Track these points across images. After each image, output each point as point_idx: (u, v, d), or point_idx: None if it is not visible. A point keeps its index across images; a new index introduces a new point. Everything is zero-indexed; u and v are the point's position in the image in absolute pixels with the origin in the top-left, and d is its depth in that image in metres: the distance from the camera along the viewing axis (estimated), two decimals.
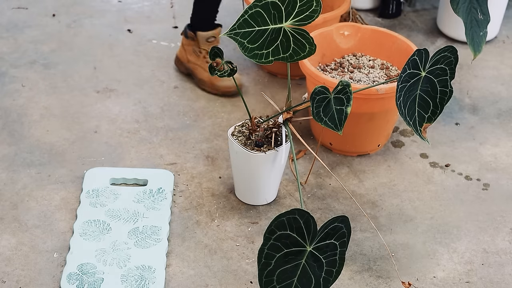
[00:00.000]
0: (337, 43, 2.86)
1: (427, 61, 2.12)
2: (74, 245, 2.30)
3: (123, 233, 2.36)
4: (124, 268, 2.24)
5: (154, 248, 2.31)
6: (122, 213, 2.42)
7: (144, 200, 2.47)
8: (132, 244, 2.32)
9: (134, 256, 2.28)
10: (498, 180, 2.68)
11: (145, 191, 2.51)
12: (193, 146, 2.75)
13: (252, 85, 3.10)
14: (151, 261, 2.27)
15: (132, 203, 2.46)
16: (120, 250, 2.30)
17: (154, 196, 2.49)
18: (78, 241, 2.31)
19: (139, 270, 2.24)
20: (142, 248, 2.31)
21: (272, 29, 2.09)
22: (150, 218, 2.41)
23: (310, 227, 1.84)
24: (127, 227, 2.38)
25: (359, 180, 2.65)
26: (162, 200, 2.48)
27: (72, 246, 2.29)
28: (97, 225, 2.37)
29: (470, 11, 2.57)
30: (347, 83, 2.11)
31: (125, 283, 2.19)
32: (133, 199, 2.47)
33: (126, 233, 2.36)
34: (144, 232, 2.36)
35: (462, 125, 2.94)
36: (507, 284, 2.28)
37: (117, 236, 2.34)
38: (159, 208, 2.45)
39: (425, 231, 2.45)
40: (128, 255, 2.28)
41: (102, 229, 2.36)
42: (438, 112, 2.17)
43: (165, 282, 2.22)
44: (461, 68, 3.20)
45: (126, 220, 2.40)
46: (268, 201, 2.52)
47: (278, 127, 2.42)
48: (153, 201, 2.47)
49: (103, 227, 2.37)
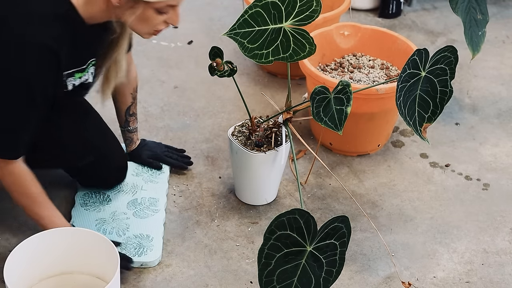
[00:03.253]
0: (337, 43, 2.86)
1: (427, 61, 2.12)
2: (75, 214, 2.38)
3: (122, 204, 2.44)
4: (123, 237, 2.32)
5: (152, 218, 2.39)
6: (121, 185, 2.50)
7: (142, 174, 2.55)
8: (131, 214, 2.40)
9: (132, 226, 2.36)
10: (498, 180, 2.68)
11: (144, 165, 2.58)
12: (193, 146, 2.75)
13: (252, 85, 3.10)
14: (149, 230, 2.35)
15: (131, 177, 2.53)
16: (120, 220, 2.38)
17: (152, 170, 2.56)
18: (79, 211, 2.39)
19: (137, 238, 2.31)
20: (141, 218, 2.39)
21: (272, 29, 2.09)
22: (148, 190, 2.49)
23: (310, 227, 1.84)
24: (126, 198, 2.46)
25: (359, 180, 2.65)
26: (160, 174, 2.56)
27: (74, 216, 2.37)
28: (98, 197, 2.45)
29: (469, 11, 2.57)
30: (347, 83, 2.11)
31: (124, 251, 2.27)
32: (132, 173, 2.55)
33: (125, 204, 2.44)
34: (143, 203, 2.44)
35: (462, 125, 2.94)
36: (507, 284, 2.28)
37: (117, 207, 2.43)
38: (157, 181, 2.52)
39: (425, 231, 2.45)
40: (127, 225, 2.36)
41: (102, 200, 2.44)
42: (438, 112, 2.17)
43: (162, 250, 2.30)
44: (461, 68, 3.20)
45: (125, 192, 2.48)
46: (268, 201, 2.52)
47: (278, 127, 2.42)
48: (151, 175, 2.55)
49: (103, 198, 2.45)
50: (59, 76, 2.00)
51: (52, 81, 1.98)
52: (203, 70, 2.55)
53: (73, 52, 2.00)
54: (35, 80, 1.93)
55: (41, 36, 1.90)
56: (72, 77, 2.06)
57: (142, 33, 2.04)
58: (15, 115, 1.96)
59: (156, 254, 2.28)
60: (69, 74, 2.05)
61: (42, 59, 1.91)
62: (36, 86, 1.93)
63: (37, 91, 1.94)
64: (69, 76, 2.05)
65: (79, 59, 2.07)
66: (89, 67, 2.11)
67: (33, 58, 1.90)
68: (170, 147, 2.66)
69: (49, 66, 1.93)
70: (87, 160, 2.27)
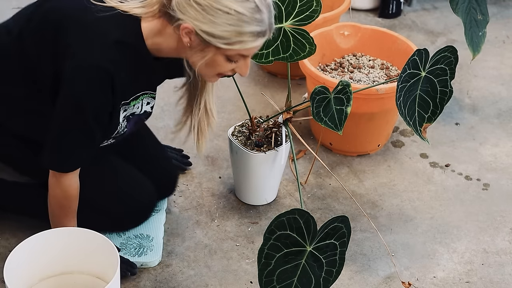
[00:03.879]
0: (337, 43, 2.86)
1: (427, 61, 2.12)
2: None
3: None
4: (123, 237, 2.32)
5: (152, 218, 2.38)
6: None
7: None
8: None
9: None
10: (498, 180, 2.68)
11: None
12: (193, 146, 2.74)
13: (252, 85, 3.10)
14: (149, 230, 2.35)
15: None
16: None
17: None
18: None
19: (137, 238, 2.31)
20: None
21: None
22: None
23: (310, 227, 1.84)
24: None
25: (359, 180, 2.65)
26: None
27: None
28: None
29: (469, 11, 2.57)
30: (347, 83, 2.11)
31: (124, 250, 2.27)
32: None
33: None
34: None
35: (462, 125, 2.94)
36: (507, 284, 2.28)
37: None
38: None
39: (425, 231, 2.45)
40: None
41: None
42: (438, 112, 2.17)
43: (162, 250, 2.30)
44: (461, 68, 3.20)
45: None
46: (268, 201, 2.52)
47: (278, 127, 2.42)
48: None
49: None
50: (115, 103, 1.95)
51: (105, 103, 1.92)
52: None
53: (133, 82, 1.97)
54: (86, 99, 1.89)
55: (98, 58, 1.86)
56: (128, 105, 2.02)
57: (208, 76, 1.96)
58: (69, 132, 1.94)
59: (156, 254, 2.28)
60: (127, 103, 2.01)
61: (95, 79, 1.87)
62: (87, 105, 1.89)
63: (88, 110, 1.90)
64: (126, 104, 2.01)
65: (138, 88, 2.03)
66: (143, 96, 2.05)
67: (85, 77, 1.86)
68: (169, 147, 2.66)
69: (101, 86, 1.88)
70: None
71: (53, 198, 2.05)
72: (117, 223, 2.30)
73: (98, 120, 1.94)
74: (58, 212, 2.07)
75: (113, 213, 2.24)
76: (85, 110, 1.90)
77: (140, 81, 2.02)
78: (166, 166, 2.43)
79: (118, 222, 2.29)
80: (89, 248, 1.99)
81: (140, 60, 1.95)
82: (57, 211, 2.07)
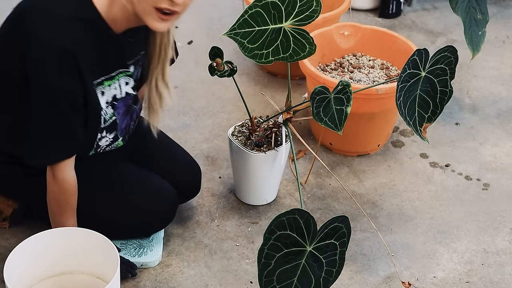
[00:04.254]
0: (337, 43, 2.86)
1: (427, 61, 2.12)
2: None
3: None
4: (125, 239, 2.30)
5: None
6: None
7: None
8: None
9: None
10: (498, 180, 2.68)
11: None
12: (193, 146, 2.74)
13: (252, 85, 3.10)
14: None
15: None
16: None
17: None
18: None
19: (137, 239, 2.31)
20: None
21: (272, 29, 2.09)
22: None
23: (310, 227, 1.84)
24: None
25: (359, 180, 2.65)
26: None
27: None
28: None
29: (469, 11, 2.57)
30: (347, 83, 2.11)
31: (124, 251, 2.27)
32: None
33: None
34: None
35: (462, 125, 2.95)
36: (507, 284, 2.28)
37: None
38: None
39: (425, 231, 2.45)
40: None
41: None
42: (438, 112, 2.17)
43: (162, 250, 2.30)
44: (461, 68, 3.20)
45: None
46: (268, 201, 2.52)
47: (278, 127, 2.42)
48: None
49: None
50: (86, 83, 1.94)
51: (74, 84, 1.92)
52: (203, 70, 2.55)
53: (99, 60, 1.97)
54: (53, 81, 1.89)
55: (56, 37, 1.87)
56: (101, 85, 2.01)
57: (146, 14, 1.90)
58: (46, 123, 1.94)
59: (156, 254, 2.28)
60: (99, 83, 2.01)
61: (57, 58, 1.87)
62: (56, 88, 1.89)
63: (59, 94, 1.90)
64: (98, 85, 2.01)
65: (107, 67, 2.03)
66: (119, 76, 2.06)
67: (48, 58, 1.87)
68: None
69: (65, 65, 1.88)
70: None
71: (51, 194, 2.05)
72: (138, 233, 2.31)
73: (73, 105, 1.93)
74: (57, 210, 2.07)
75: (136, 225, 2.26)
76: (55, 95, 1.90)
77: (109, 59, 2.02)
78: (189, 167, 2.41)
79: (138, 232, 2.31)
80: (89, 248, 1.99)
81: (100, 35, 1.96)
82: (56, 209, 2.07)
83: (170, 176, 2.30)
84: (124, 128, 2.14)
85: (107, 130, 2.08)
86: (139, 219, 2.23)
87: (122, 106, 2.10)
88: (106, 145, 2.12)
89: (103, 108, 2.03)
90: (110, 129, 2.09)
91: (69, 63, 1.88)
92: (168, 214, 2.29)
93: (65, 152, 1.99)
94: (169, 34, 2.05)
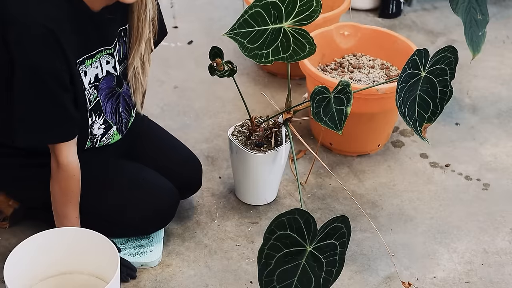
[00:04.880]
0: (337, 43, 2.86)
1: (427, 61, 2.12)
2: None
3: None
4: (124, 237, 2.30)
5: None
6: None
7: None
8: None
9: None
10: (498, 180, 2.68)
11: None
12: (193, 146, 2.74)
13: (252, 85, 3.10)
14: None
15: None
16: None
17: None
18: None
19: (137, 239, 2.31)
20: None
21: (272, 29, 2.09)
22: None
23: (310, 227, 1.84)
24: None
25: (359, 180, 2.65)
26: None
27: None
28: None
29: (469, 11, 2.57)
30: (347, 83, 2.11)
31: (124, 251, 2.27)
32: None
33: None
34: None
35: (462, 125, 2.95)
36: (507, 284, 2.28)
37: None
38: None
39: (425, 231, 2.45)
40: None
41: None
42: (438, 112, 2.17)
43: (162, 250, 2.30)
44: (461, 68, 3.20)
45: None
46: (268, 201, 2.52)
47: (278, 127, 2.42)
48: None
49: None
50: (70, 63, 1.96)
51: (58, 61, 1.92)
52: (203, 70, 2.54)
53: (79, 38, 1.98)
54: (38, 60, 1.89)
55: (36, 15, 1.88)
56: (83, 65, 2.03)
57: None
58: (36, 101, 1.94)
59: (156, 254, 2.28)
60: (81, 62, 2.02)
61: (39, 36, 1.88)
62: (41, 67, 1.90)
63: (45, 73, 1.90)
64: (81, 64, 2.02)
65: (88, 45, 2.04)
66: (99, 54, 2.07)
67: (29, 37, 1.87)
68: None
69: (47, 43, 1.89)
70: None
71: (55, 182, 2.05)
72: (136, 231, 2.31)
73: (60, 83, 1.94)
74: (61, 199, 2.07)
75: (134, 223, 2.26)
76: (41, 73, 1.90)
77: (90, 37, 2.03)
78: (188, 160, 2.41)
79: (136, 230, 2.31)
80: (89, 248, 1.99)
81: (79, 13, 1.97)
82: (60, 198, 2.07)
83: (171, 171, 2.30)
84: (113, 113, 2.15)
85: (94, 112, 2.09)
86: (138, 216, 2.23)
87: (105, 88, 2.12)
88: (100, 134, 2.12)
89: (87, 89, 2.05)
90: (96, 111, 2.10)
91: (51, 40, 1.89)
92: (168, 212, 2.29)
93: (61, 131, 1.99)
94: (145, 10, 2.07)
